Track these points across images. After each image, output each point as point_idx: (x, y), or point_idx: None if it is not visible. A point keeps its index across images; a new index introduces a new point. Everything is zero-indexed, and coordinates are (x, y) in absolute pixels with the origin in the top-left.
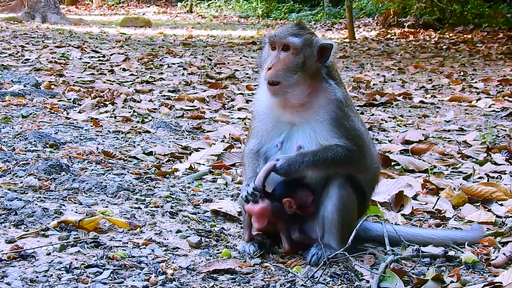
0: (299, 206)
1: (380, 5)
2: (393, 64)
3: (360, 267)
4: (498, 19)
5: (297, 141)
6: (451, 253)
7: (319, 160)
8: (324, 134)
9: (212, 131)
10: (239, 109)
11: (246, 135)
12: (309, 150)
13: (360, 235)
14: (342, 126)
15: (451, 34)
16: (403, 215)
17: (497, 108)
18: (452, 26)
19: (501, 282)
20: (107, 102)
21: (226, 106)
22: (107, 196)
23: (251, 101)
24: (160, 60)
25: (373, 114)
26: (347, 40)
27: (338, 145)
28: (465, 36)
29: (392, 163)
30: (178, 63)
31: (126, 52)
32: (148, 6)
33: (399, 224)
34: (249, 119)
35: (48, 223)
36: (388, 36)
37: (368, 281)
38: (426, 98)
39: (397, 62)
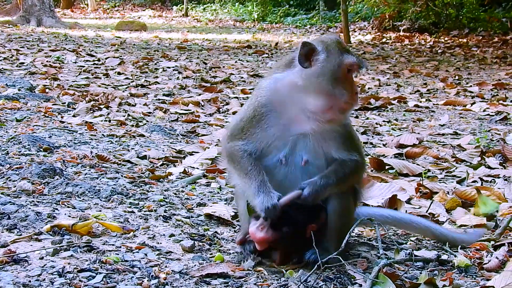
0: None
1: (375, 9)
2: (388, 68)
3: (354, 272)
4: (493, 23)
5: (302, 154)
6: (444, 257)
7: (339, 179)
8: (333, 147)
9: (207, 135)
10: (234, 113)
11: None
12: (329, 170)
13: None
14: (350, 136)
15: (446, 38)
16: None
17: (492, 112)
18: (447, 30)
19: (493, 286)
20: (101, 106)
21: (221, 110)
22: (101, 200)
23: None
24: (155, 63)
25: (367, 118)
26: None
27: (350, 159)
28: (460, 40)
29: (386, 167)
30: (173, 67)
31: (121, 56)
32: (144, 10)
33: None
34: None
35: (41, 227)
36: (384, 40)
37: (360, 285)
38: (420, 102)
39: (392, 66)
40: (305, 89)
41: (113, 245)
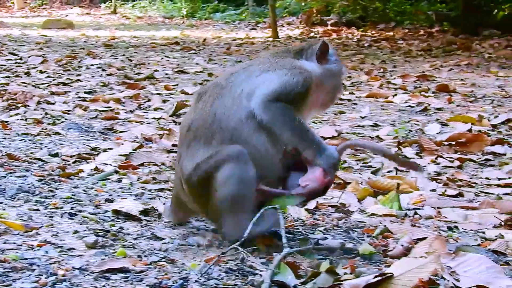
0: None
1: (303, 4)
2: None
3: (253, 263)
4: (419, 16)
5: None
6: (350, 245)
7: None
8: None
9: (125, 131)
10: (155, 109)
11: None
12: None
13: None
14: None
15: (373, 32)
16: (307, 209)
17: (413, 104)
18: (374, 24)
19: (392, 273)
20: (19, 105)
21: (142, 106)
22: (6, 199)
23: (168, 100)
24: (79, 61)
25: None
26: (270, 39)
27: None
28: (386, 33)
29: None
30: (97, 65)
31: (44, 54)
32: (72, 8)
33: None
34: (164, 118)
35: None
36: (312, 34)
37: (261, 276)
38: (343, 94)
39: None
40: (321, 82)
41: (14, 243)
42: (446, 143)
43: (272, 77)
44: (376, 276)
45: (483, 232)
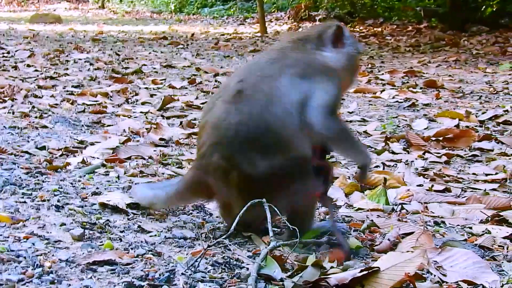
0: None
1: (291, 0)
2: None
3: (240, 256)
4: (407, 12)
5: None
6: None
7: None
8: None
9: (112, 125)
10: (143, 103)
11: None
12: None
13: None
14: None
15: (361, 28)
16: None
17: (401, 99)
18: (363, 20)
19: (378, 267)
20: (6, 98)
21: (129, 100)
22: None
23: (155, 95)
24: (67, 56)
25: None
26: (258, 34)
27: None
28: (375, 29)
29: None
30: (84, 59)
31: (32, 48)
32: (59, 2)
33: None
34: (151, 113)
35: None
36: (300, 30)
37: (248, 269)
38: None
39: None
40: (343, 70)
41: (0, 235)
42: (433, 138)
43: (316, 87)
44: (362, 270)
45: (470, 227)
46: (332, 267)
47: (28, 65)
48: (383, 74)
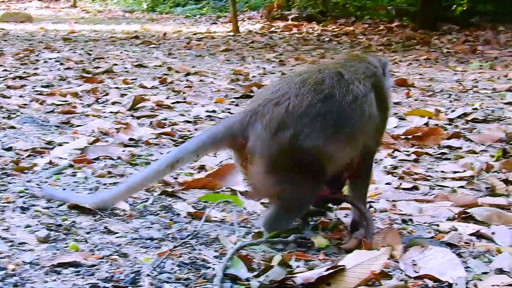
0: None
1: None
2: (275, 56)
3: (206, 256)
4: (379, 11)
5: None
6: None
7: None
8: None
9: (81, 125)
10: (113, 103)
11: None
12: None
13: None
14: None
15: (333, 27)
16: (262, 203)
17: None
18: (335, 19)
19: (344, 265)
20: None
21: (99, 100)
22: None
23: (126, 95)
24: (37, 55)
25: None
26: (231, 33)
27: None
28: (347, 28)
29: None
30: (55, 58)
31: (1, 48)
32: (30, 1)
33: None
34: (121, 112)
35: None
36: (272, 29)
37: (214, 269)
38: None
39: (279, 54)
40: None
41: None
42: (403, 137)
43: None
44: (328, 269)
45: (437, 225)
46: (298, 267)
47: None
48: None
